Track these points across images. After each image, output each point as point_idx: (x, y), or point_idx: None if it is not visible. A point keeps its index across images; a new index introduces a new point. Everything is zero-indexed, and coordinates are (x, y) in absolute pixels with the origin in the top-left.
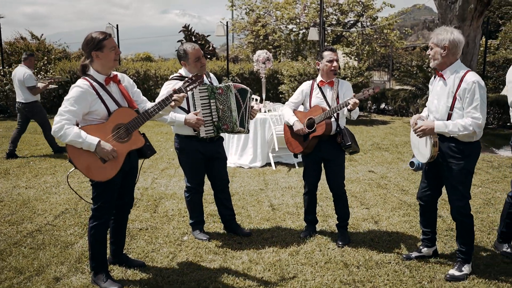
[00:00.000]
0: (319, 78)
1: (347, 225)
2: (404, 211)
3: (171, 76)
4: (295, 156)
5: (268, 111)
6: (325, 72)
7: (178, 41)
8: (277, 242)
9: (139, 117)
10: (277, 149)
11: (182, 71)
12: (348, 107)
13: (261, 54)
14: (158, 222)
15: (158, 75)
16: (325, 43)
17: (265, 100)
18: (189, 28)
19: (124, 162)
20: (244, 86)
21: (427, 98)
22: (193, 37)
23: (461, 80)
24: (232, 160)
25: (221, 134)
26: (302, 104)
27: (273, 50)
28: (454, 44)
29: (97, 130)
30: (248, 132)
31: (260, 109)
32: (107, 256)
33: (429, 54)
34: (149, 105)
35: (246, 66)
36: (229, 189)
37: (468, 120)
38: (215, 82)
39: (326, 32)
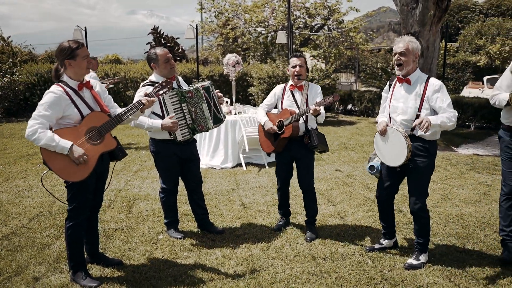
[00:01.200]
0: (290, 82)
1: (315, 221)
2: (368, 207)
3: (142, 83)
4: (268, 155)
5: (238, 113)
6: (291, 77)
7: (147, 43)
8: (248, 238)
9: (111, 121)
10: (247, 150)
11: (153, 77)
12: (309, 113)
13: (231, 57)
14: (133, 223)
15: (128, 78)
16: (293, 46)
17: (235, 102)
18: (158, 30)
19: (97, 163)
20: (205, 83)
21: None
22: (162, 39)
23: (426, 84)
24: (204, 162)
25: (194, 136)
26: (276, 107)
27: (242, 53)
28: (419, 52)
29: (71, 133)
30: (224, 119)
31: (230, 112)
32: (85, 256)
33: (399, 61)
34: (119, 110)
35: (216, 69)
36: (202, 189)
37: (450, 113)
38: (185, 85)
39: (294, 35)
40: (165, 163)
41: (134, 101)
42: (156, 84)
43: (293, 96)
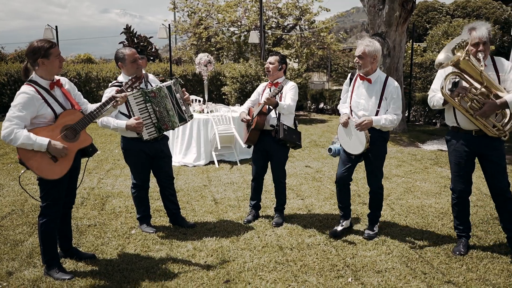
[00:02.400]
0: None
1: (283, 209)
2: (335, 200)
3: (110, 84)
4: (248, 146)
5: (210, 111)
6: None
7: (120, 42)
8: (219, 231)
9: (85, 118)
10: (219, 148)
11: (121, 77)
12: (264, 100)
13: (203, 57)
14: (106, 219)
15: (100, 77)
16: (266, 46)
17: (208, 101)
18: (131, 29)
19: (74, 160)
20: (168, 82)
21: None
22: (135, 38)
23: (385, 84)
24: (177, 159)
25: (166, 133)
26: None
27: (215, 52)
28: (379, 54)
29: (46, 132)
30: (191, 118)
31: (203, 110)
32: (58, 250)
33: (358, 62)
34: (90, 106)
35: (189, 68)
36: (174, 186)
37: (394, 116)
38: (155, 83)
39: (266, 35)
40: (133, 160)
41: (103, 101)
42: (128, 80)
43: (270, 91)
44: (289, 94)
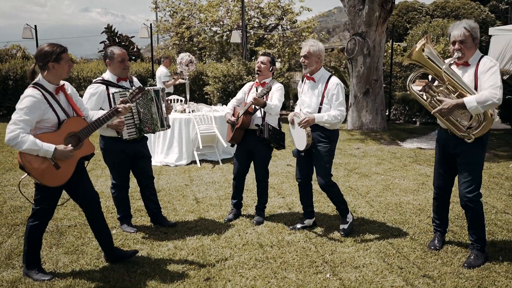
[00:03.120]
0: (257, 79)
1: (264, 208)
2: (315, 198)
3: (94, 80)
4: (232, 145)
5: (192, 111)
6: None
7: (101, 42)
8: (200, 230)
9: (89, 126)
10: (201, 147)
11: (106, 74)
12: (251, 100)
13: (184, 56)
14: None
15: (81, 77)
16: (248, 45)
17: (189, 101)
18: (112, 28)
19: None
20: (157, 87)
21: None
22: (116, 38)
23: (327, 82)
24: (159, 159)
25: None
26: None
27: (198, 52)
28: (323, 53)
29: (51, 137)
30: (169, 127)
31: (184, 110)
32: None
33: (304, 62)
34: (91, 113)
35: (171, 68)
36: (155, 186)
37: (337, 112)
38: (137, 85)
39: (248, 35)
40: (112, 160)
41: (84, 98)
42: (130, 91)
43: (257, 91)
44: (276, 94)
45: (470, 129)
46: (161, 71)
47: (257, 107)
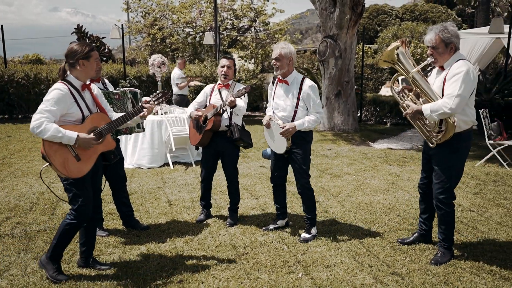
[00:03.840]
0: (218, 81)
1: (237, 209)
2: (289, 199)
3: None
4: (196, 148)
5: (165, 113)
6: (219, 76)
7: (71, 43)
8: (173, 233)
9: (112, 123)
10: (174, 149)
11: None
12: (227, 103)
13: (156, 58)
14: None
15: (50, 78)
16: (221, 47)
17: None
18: (82, 29)
19: (96, 162)
20: (135, 89)
21: None
22: (87, 38)
23: (301, 85)
24: (131, 162)
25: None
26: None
27: (171, 53)
28: (295, 56)
29: (75, 129)
30: (144, 130)
31: (157, 111)
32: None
33: (275, 65)
34: (115, 114)
35: (144, 69)
36: (127, 189)
37: (316, 116)
38: (110, 87)
39: (221, 36)
40: None
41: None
42: (154, 94)
43: (220, 94)
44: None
45: (439, 134)
46: (175, 72)
47: (224, 108)
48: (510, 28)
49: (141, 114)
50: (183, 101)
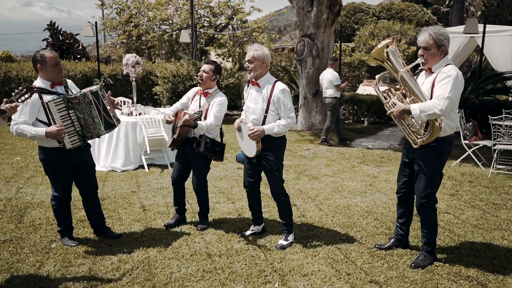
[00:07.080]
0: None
1: (206, 213)
2: (265, 203)
3: (18, 90)
4: (172, 149)
5: (139, 114)
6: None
7: (44, 40)
8: (146, 241)
9: None
10: (149, 152)
11: (37, 82)
12: (180, 123)
13: (130, 58)
14: (24, 232)
15: (21, 77)
16: (198, 45)
17: (137, 103)
18: (55, 25)
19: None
20: (94, 87)
21: None
22: (60, 35)
23: (273, 88)
24: (104, 164)
25: (89, 141)
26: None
27: (147, 51)
28: (268, 58)
29: None
30: (119, 122)
31: (131, 113)
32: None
33: (248, 67)
34: None
35: (119, 67)
36: (100, 194)
37: (286, 121)
38: (74, 89)
39: (198, 34)
40: (55, 171)
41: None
42: (16, 91)
43: (200, 101)
44: (214, 110)
45: (424, 135)
46: (331, 74)
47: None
48: (484, 27)
49: (2, 116)
50: (333, 103)
